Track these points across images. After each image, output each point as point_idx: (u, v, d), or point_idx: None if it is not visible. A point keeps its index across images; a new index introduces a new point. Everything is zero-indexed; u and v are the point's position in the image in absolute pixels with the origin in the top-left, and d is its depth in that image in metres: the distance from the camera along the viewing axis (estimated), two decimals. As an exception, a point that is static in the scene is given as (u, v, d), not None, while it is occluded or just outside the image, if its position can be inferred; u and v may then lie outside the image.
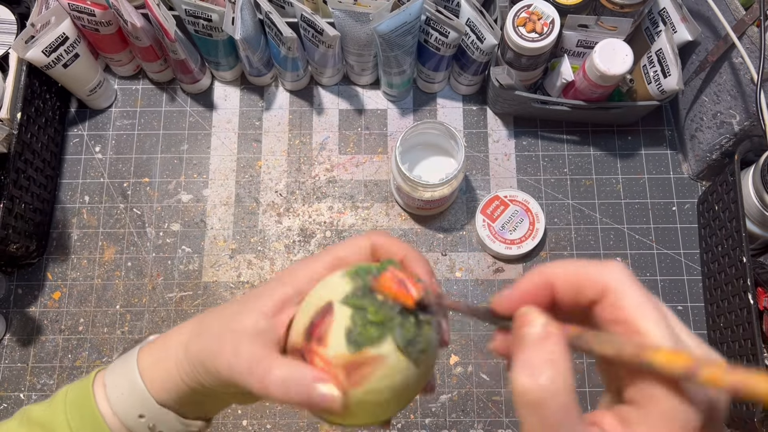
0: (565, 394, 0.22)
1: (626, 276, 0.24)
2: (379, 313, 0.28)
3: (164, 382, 0.33)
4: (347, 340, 0.28)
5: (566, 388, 0.22)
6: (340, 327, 0.28)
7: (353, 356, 0.28)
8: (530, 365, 0.22)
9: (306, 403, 0.27)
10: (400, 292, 0.28)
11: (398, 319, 0.28)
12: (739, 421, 0.63)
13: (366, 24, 0.66)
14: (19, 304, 0.72)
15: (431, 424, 0.68)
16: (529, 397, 0.22)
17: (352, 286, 0.29)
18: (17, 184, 0.67)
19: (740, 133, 0.66)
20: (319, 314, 0.29)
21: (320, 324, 0.29)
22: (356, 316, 0.28)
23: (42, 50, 0.67)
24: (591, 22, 0.66)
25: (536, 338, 0.23)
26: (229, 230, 0.75)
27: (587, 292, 0.24)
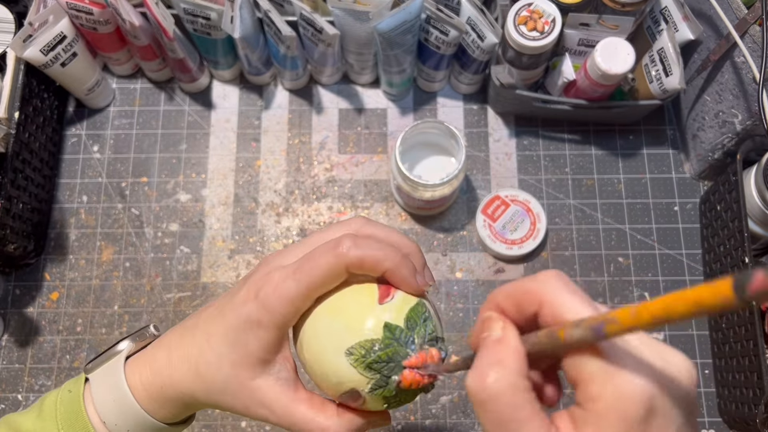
0: (512, 393, 0.23)
1: (556, 282, 0.25)
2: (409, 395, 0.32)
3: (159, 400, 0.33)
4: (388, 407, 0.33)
5: (513, 387, 0.23)
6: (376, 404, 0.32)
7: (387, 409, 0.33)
8: (479, 367, 0.24)
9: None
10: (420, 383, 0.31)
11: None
12: (740, 422, 0.63)
13: (366, 22, 0.66)
14: (17, 305, 0.71)
15: (431, 425, 0.67)
16: (476, 397, 0.24)
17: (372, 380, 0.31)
18: (15, 184, 0.66)
19: (742, 133, 0.66)
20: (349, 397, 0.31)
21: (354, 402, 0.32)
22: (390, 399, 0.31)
23: (40, 49, 0.66)
24: (592, 21, 0.66)
25: (490, 342, 0.25)
26: (227, 230, 0.74)
27: (527, 307, 0.26)
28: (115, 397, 0.33)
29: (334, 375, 0.31)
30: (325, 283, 0.31)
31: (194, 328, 0.33)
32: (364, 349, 0.30)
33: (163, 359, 0.33)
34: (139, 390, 0.33)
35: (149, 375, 0.33)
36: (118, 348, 0.35)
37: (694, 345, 0.70)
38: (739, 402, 0.62)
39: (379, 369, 0.30)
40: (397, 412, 0.68)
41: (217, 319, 0.32)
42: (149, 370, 0.33)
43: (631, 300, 0.71)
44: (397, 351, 0.30)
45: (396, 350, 0.30)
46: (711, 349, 0.69)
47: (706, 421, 0.67)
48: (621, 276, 0.72)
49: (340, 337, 0.30)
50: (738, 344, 0.63)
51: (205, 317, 0.33)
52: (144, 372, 0.34)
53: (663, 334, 0.70)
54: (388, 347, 0.30)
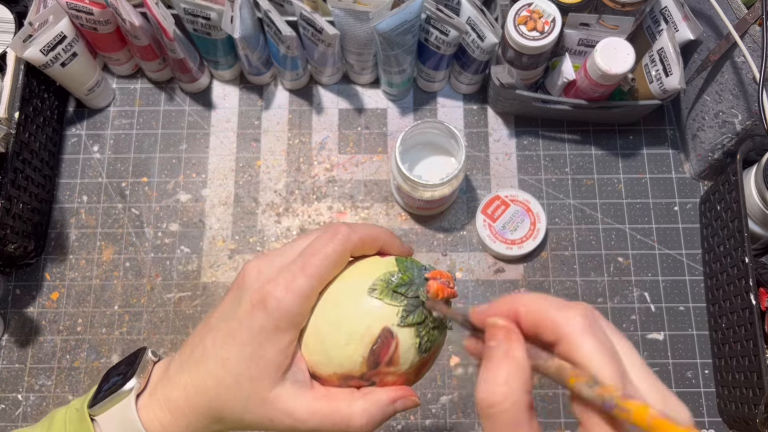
0: (515, 410, 0.25)
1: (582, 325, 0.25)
2: (437, 319, 0.32)
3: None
4: (419, 351, 0.31)
5: (516, 406, 0.25)
6: (408, 345, 0.31)
7: (425, 358, 0.32)
8: (488, 381, 0.25)
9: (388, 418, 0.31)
10: (450, 293, 0.32)
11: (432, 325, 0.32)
12: (740, 422, 0.63)
13: (366, 23, 0.66)
14: (17, 305, 0.71)
15: (431, 425, 0.67)
16: (483, 410, 0.25)
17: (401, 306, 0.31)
18: (15, 184, 0.66)
19: (742, 133, 0.66)
20: (380, 343, 0.31)
21: (386, 351, 0.31)
22: (420, 329, 0.31)
23: (40, 49, 0.66)
24: (592, 21, 0.66)
25: (499, 356, 0.26)
26: (227, 230, 0.74)
27: (545, 334, 0.26)
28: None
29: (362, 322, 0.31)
30: (332, 272, 0.32)
31: (205, 359, 0.32)
32: (384, 281, 0.31)
33: (180, 400, 0.32)
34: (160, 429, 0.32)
35: (170, 418, 0.32)
36: (126, 388, 0.33)
37: (694, 345, 0.70)
38: (738, 402, 0.62)
39: (405, 292, 0.31)
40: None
41: (228, 342, 0.31)
42: (168, 414, 0.32)
43: (630, 300, 0.71)
44: (414, 273, 0.32)
45: (413, 273, 0.32)
46: (711, 349, 0.69)
47: (706, 421, 0.67)
48: (621, 276, 0.72)
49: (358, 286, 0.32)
50: (738, 344, 0.63)
51: (212, 344, 0.32)
52: (164, 416, 0.32)
53: (663, 334, 0.70)
54: (407, 271, 0.32)
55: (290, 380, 0.31)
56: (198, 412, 0.32)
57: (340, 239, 0.31)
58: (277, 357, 0.30)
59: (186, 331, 0.71)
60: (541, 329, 0.26)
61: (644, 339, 0.70)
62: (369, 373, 0.31)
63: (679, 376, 0.69)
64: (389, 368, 0.31)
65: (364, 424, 0.30)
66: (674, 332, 0.70)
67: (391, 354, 0.31)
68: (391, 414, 0.31)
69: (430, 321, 0.31)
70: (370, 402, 0.31)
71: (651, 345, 0.70)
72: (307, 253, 0.31)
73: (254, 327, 0.30)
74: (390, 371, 0.31)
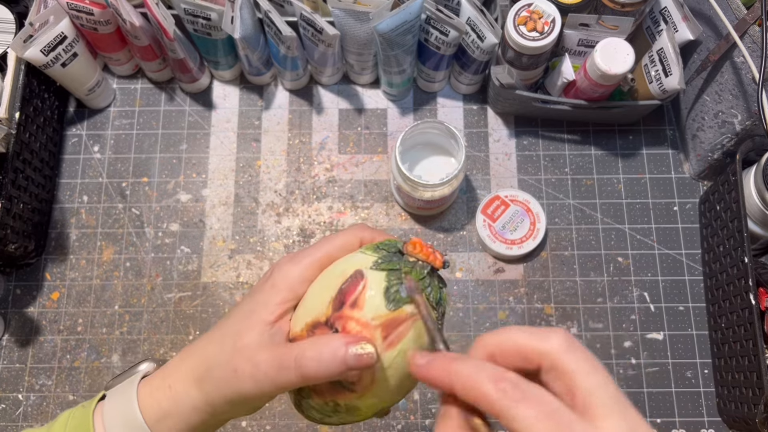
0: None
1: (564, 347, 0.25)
2: (413, 271, 0.30)
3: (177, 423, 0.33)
4: (386, 299, 0.29)
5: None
6: (377, 288, 0.29)
7: (393, 314, 0.29)
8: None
9: (343, 367, 0.28)
10: (430, 255, 0.31)
11: (428, 279, 0.30)
12: (739, 421, 0.63)
13: (366, 23, 0.66)
14: (18, 305, 0.71)
15: (431, 425, 0.67)
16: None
17: (379, 255, 0.31)
18: (15, 184, 0.67)
19: (742, 133, 0.66)
20: (350, 282, 0.30)
21: (352, 290, 0.29)
22: (391, 276, 0.30)
23: (40, 49, 0.66)
24: (592, 21, 0.66)
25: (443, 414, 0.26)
26: (228, 230, 0.74)
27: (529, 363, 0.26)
28: (124, 416, 0.33)
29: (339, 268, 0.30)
30: (338, 252, 0.33)
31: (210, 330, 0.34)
32: (374, 244, 0.32)
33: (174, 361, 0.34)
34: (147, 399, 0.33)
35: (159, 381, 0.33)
36: (139, 368, 0.35)
37: (694, 344, 0.70)
38: (738, 401, 0.62)
39: (387, 248, 0.31)
40: (396, 412, 0.68)
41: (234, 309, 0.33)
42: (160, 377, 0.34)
43: (630, 300, 0.71)
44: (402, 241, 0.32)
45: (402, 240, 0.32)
46: (710, 348, 0.69)
47: (706, 421, 0.67)
48: (620, 276, 0.72)
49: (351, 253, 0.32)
50: (737, 344, 0.63)
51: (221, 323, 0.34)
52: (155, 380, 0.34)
53: (662, 334, 0.70)
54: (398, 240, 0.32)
55: (266, 336, 0.31)
56: (182, 371, 0.33)
57: (351, 229, 0.33)
58: (263, 312, 0.31)
59: (186, 330, 0.71)
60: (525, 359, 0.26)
61: (644, 339, 0.70)
62: (333, 316, 0.29)
63: (679, 375, 0.69)
64: (352, 311, 0.29)
65: (313, 367, 0.28)
66: (674, 332, 0.70)
67: (357, 294, 0.29)
68: (344, 364, 0.28)
69: (404, 271, 0.30)
70: (321, 342, 0.29)
71: (651, 345, 0.70)
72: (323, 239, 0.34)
73: (256, 290, 0.32)
74: (353, 316, 0.29)
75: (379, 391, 0.30)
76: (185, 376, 0.33)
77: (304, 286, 0.32)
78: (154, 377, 0.34)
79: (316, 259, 0.32)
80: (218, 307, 0.72)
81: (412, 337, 0.29)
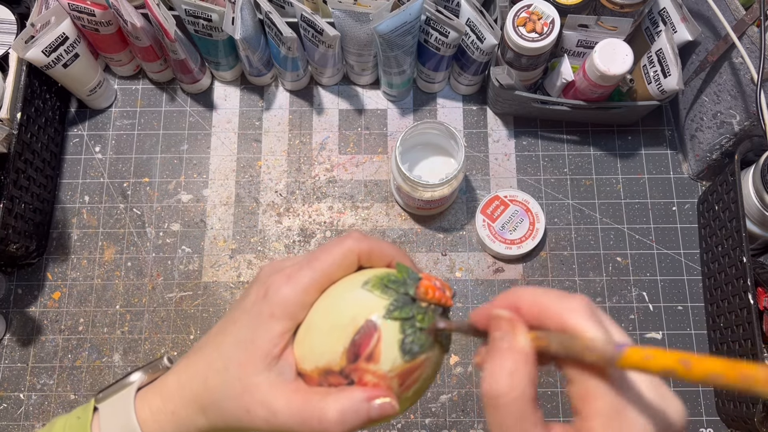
0: (520, 401, 0.25)
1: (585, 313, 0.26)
2: (425, 319, 0.30)
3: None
4: (402, 351, 0.29)
5: (521, 398, 0.25)
6: (391, 341, 0.29)
7: (408, 364, 0.30)
8: (493, 374, 0.26)
9: (367, 422, 0.29)
10: (442, 297, 0.31)
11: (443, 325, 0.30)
12: (738, 420, 0.63)
13: (366, 24, 0.66)
14: (19, 304, 0.72)
15: (431, 424, 0.68)
16: (488, 402, 0.25)
17: (389, 299, 0.30)
18: (17, 184, 0.67)
19: (740, 133, 0.66)
20: (362, 334, 0.29)
21: (366, 343, 0.29)
22: (406, 326, 0.30)
23: (42, 50, 0.67)
24: (591, 22, 0.66)
25: (503, 348, 0.26)
26: (229, 230, 0.75)
27: (549, 325, 0.26)
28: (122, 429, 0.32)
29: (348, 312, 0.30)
30: (336, 271, 0.31)
31: (205, 345, 0.33)
32: (379, 277, 0.31)
33: (173, 384, 0.33)
34: (149, 422, 0.32)
35: (160, 403, 0.32)
36: (130, 379, 0.34)
37: (693, 344, 0.70)
38: (737, 400, 0.63)
39: (396, 287, 0.30)
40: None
41: (228, 328, 0.32)
42: (159, 399, 0.33)
43: (629, 299, 0.72)
44: (409, 273, 0.31)
45: (409, 273, 0.31)
46: (709, 348, 0.70)
47: (705, 420, 0.68)
48: (619, 275, 0.73)
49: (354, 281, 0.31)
50: (736, 344, 0.63)
51: (214, 332, 0.33)
52: (154, 401, 0.33)
53: (661, 333, 0.70)
54: (403, 271, 0.31)
55: (275, 372, 0.30)
56: (185, 398, 0.32)
57: (348, 242, 0.32)
58: (266, 344, 0.30)
59: (187, 330, 0.71)
60: (544, 320, 0.26)
61: (643, 338, 0.71)
62: (348, 368, 0.29)
63: (678, 375, 0.69)
64: (369, 364, 0.29)
65: (335, 423, 0.28)
66: (673, 331, 0.71)
67: (372, 348, 0.29)
68: (367, 419, 0.29)
69: (418, 320, 0.30)
70: (344, 399, 0.29)
71: (649, 344, 0.70)
72: (315, 251, 0.32)
73: (253, 313, 0.31)
74: (369, 369, 0.29)
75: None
76: (188, 402, 0.32)
77: (304, 311, 0.31)
78: (152, 397, 0.33)
79: (315, 280, 0.31)
80: (219, 306, 0.72)
81: (426, 376, 0.31)
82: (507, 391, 0.25)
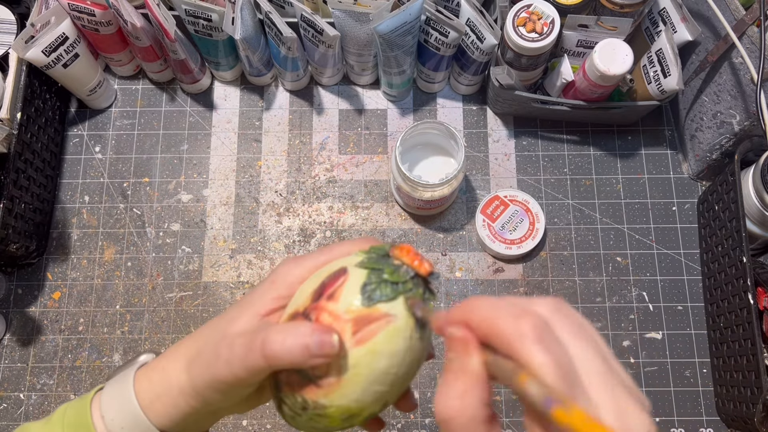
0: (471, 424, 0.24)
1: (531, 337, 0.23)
2: (395, 274, 0.30)
3: (165, 406, 0.33)
4: (362, 294, 0.29)
5: (472, 420, 0.24)
6: (355, 284, 0.29)
7: (366, 310, 0.29)
8: (444, 394, 0.25)
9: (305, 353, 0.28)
10: (415, 258, 0.30)
11: (411, 283, 0.30)
12: (738, 420, 0.63)
13: (366, 24, 0.66)
14: (19, 304, 0.72)
15: (431, 424, 0.68)
16: (440, 423, 0.25)
17: (367, 255, 0.31)
18: (17, 184, 0.67)
19: (740, 133, 0.66)
20: (332, 276, 0.30)
21: (332, 284, 0.30)
22: (372, 274, 0.30)
23: (42, 50, 0.67)
24: (591, 22, 0.66)
25: (455, 369, 0.26)
26: (229, 230, 0.75)
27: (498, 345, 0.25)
28: (120, 401, 0.33)
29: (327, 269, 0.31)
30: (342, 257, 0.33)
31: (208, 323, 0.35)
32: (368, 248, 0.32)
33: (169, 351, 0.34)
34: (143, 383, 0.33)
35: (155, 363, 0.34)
36: (139, 359, 0.36)
37: (693, 344, 0.70)
38: (737, 401, 0.63)
39: (378, 251, 0.31)
40: (396, 411, 0.68)
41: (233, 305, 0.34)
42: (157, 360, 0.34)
43: (629, 299, 0.72)
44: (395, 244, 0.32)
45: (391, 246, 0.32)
46: (709, 348, 0.70)
47: (704, 420, 0.68)
48: (619, 275, 0.73)
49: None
50: (736, 343, 0.63)
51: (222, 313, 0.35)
52: (153, 364, 0.34)
53: (661, 333, 0.70)
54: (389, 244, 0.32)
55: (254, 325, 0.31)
56: (178, 353, 0.33)
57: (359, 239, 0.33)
58: (257, 303, 0.32)
59: (187, 330, 0.71)
60: (494, 340, 0.25)
61: (643, 338, 0.71)
62: (310, 306, 0.30)
63: (678, 375, 0.69)
64: (328, 303, 0.29)
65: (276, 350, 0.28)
66: (672, 331, 0.71)
67: (335, 288, 0.29)
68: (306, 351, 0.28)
69: (386, 273, 0.29)
70: (290, 328, 0.29)
71: (649, 344, 0.70)
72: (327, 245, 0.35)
73: (259, 285, 0.33)
74: (327, 307, 0.29)
75: (347, 391, 0.29)
76: (178, 357, 0.33)
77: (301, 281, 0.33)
78: (152, 362, 0.35)
79: (319, 262, 0.32)
80: (219, 306, 0.72)
81: (383, 339, 0.29)
82: (457, 415, 0.24)
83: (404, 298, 0.29)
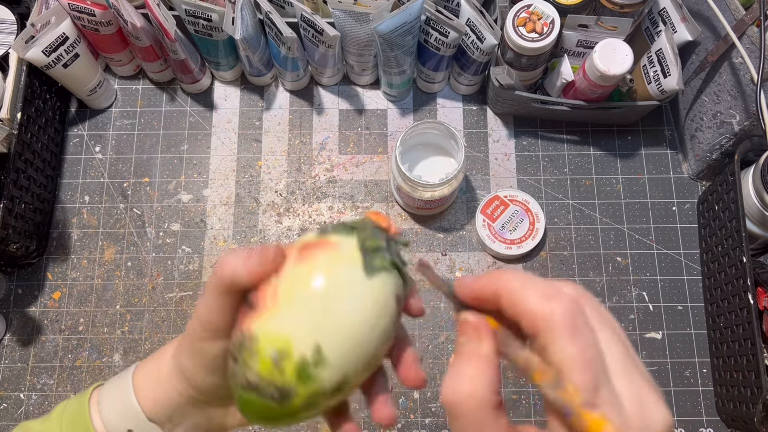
0: (481, 409, 0.24)
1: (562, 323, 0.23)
2: (356, 222, 0.30)
3: (157, 397, 0.33)
4: (319, 231, 0.30)
5: (482, 405, 0.24)
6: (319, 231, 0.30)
7: (314, 238, 0.29)
8: (454, 378, 0.24)
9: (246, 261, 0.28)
10: (384, 221, 0.30)
11: (370, 232, 0.29)
12: (738, 420, 0.63)
13: (366, 24, 0.66)
14: (19, 304, 0.72)
15: (431, 423, 0.68)
16: (448, 408, 0.24)
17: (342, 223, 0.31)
18: (17, 184, 0.67)
19: (740, 133, 0.66)
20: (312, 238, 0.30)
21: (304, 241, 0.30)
22: (339, 227, 0.30)
23: (42, 50, 0.67)
24: (591, 22, 0.66)
25: (466, 353, 0.25)
26: (229, 230, 0.75)
27: (524, 325, 0.24)
28: (118, 395, 0.34)
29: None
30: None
31: None
32: None
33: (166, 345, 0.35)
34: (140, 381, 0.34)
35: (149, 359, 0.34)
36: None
37: (693, 344, 0.70)
38: (737, 400, 0.63)
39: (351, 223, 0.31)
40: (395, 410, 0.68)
41: None
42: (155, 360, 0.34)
43: (629, 299, 0.72)
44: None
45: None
46: (709, 348, 0.70)
47: (704, 420, 0.68)
48: (619, 275, 0.73)
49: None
50: (736, 343, 0.63)
51: None
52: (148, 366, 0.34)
53: (661, 333, 0.71)
54: None
55: None
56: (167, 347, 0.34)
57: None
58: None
59: (187, 330, 0.71)
60: (520, 319, 0.24)
61: (643, 338, 0.71)
62: None
63: (678, 375, 0.69)
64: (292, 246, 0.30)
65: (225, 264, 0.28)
66: (672, 331, 0.71)
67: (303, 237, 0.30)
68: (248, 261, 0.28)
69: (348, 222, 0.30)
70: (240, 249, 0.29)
71: (649, 344, 0.70)
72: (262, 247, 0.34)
73: None
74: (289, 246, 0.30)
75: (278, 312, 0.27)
76: (169, 347, 0.34)
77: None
78: (149, 359, 0.35)
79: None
80: (219, 306, 0.72)
81: (323, 261, 0.27)
82: (467, 399, 0.24)
83: (358, 237, 0.29)
